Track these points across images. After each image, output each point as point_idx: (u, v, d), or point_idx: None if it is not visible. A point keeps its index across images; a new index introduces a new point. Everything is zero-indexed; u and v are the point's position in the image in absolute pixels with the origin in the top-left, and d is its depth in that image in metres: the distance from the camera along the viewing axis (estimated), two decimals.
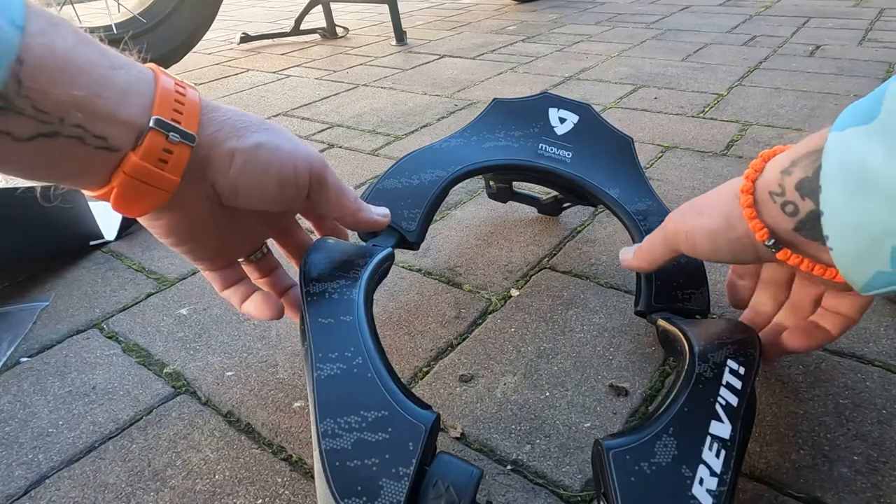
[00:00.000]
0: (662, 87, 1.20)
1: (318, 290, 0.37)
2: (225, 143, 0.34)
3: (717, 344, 0.38)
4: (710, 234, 0.35)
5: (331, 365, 0.33)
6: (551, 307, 0.56)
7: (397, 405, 0.31)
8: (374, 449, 0.29)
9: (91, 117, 0.28)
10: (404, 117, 1.11)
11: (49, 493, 0.40)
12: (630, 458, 0.30)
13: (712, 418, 0.32)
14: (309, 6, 1.81)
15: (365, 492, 0.27)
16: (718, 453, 0.30)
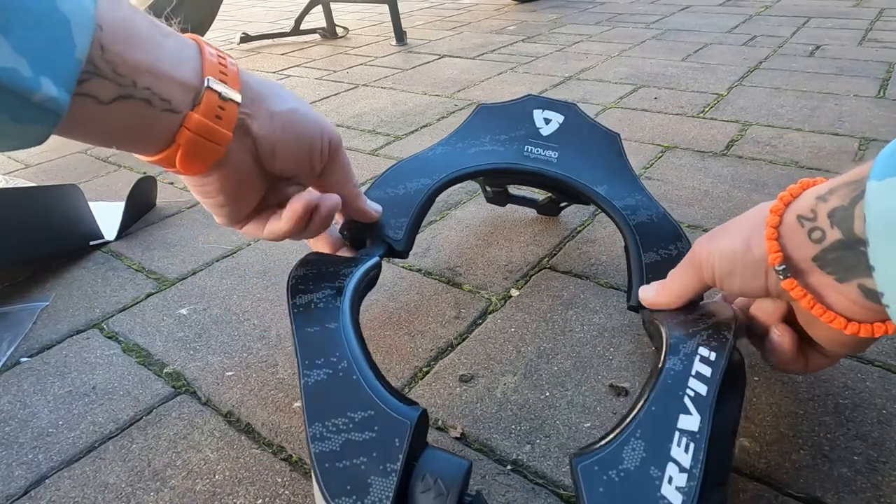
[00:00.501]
0: (662, 87, 1.20)
1: (304, 302, 0.38)
2: (263, 103, 0.37)
3: (689, 333, 0.37)
4: (729, 254, 0.35)
5: (317, 371, 0.34)
6: (551, 307, 0.56)
7: (382, 404, 0.31)
8: (362, 448, 0.29)
9: (157, 80, 0.31)
10: (404, 117, 1.11)
11: (49, 493, 0.40)
12: (598, 468, 0.30)
13: (680, 412, 0.32)
14: (309, 6, 1.81)
15: (354, 490, 0.28)
16: (688, 447, 0.30)
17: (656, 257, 0.47)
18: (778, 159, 0.84)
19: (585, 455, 0.30)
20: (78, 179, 0.91)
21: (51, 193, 0.68)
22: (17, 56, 0.24)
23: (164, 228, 0.74)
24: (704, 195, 0.75)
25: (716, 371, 0.34)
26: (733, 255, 0.34)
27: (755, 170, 0.81)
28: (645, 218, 0.51)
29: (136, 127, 0.32)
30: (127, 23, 0.30)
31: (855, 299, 0.30)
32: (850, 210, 0.28)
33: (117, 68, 0.29)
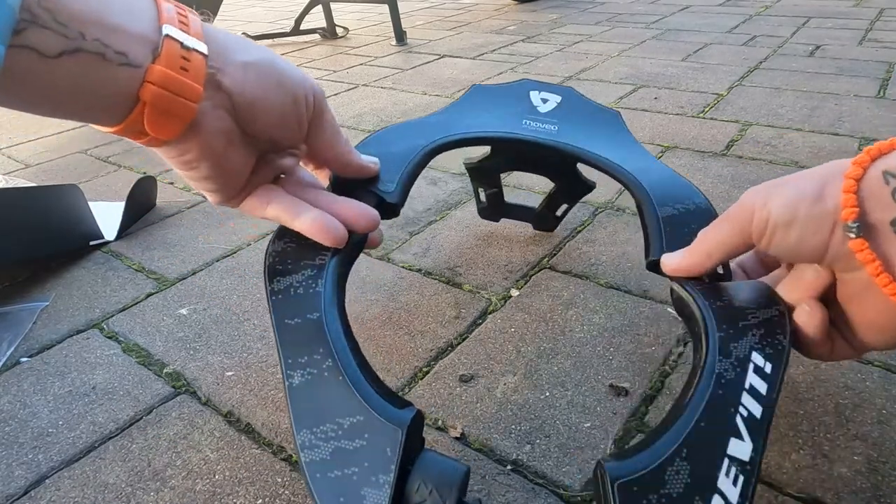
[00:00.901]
0: (662, 87, 1.20)
1: (282, 287, 0.35)
2: (234, 55, 0.33)
3: (740, 328, 0.32)
4: (794, 200, 0.30)
5: (301, 371, 0.31)
6: (551, 307, 0.56)
7: (371, 408, 0.29)
8: (353, 457, 0.28)
9: (107, 32, 0.28)
10: (404, 117, 1.11)
11: (49, 493, 0.40)
12: (637, 489, 0.26)
13: (731, 435, 0.28)
14: (309, 6, 1.81)
15: (348, 502, 0.27)
16: (736, 479, 0.27)
17: (673, 211, 0.43)
18: (778, 159, 0.84)
19: (623, 469, 0.27)
20: (78, 179, 0.91)
21: (51, 193, 0.68)
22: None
23: (164, 228, 0.74)
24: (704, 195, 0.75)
25: (771, 389, 0.30)
26: (799, 203, 0.30)
27: (755, 170, 0.81)
28: (657, 178, 0.47)
29: (91, 86, 0.28)
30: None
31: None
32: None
33: (58, 16, 0.26)
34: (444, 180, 0.84)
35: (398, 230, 0.71)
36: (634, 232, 0.67)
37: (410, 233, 0.70)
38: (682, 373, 0.47)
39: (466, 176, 0.84)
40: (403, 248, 0.67)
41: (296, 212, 0.37)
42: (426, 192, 0.80)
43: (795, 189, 0.30)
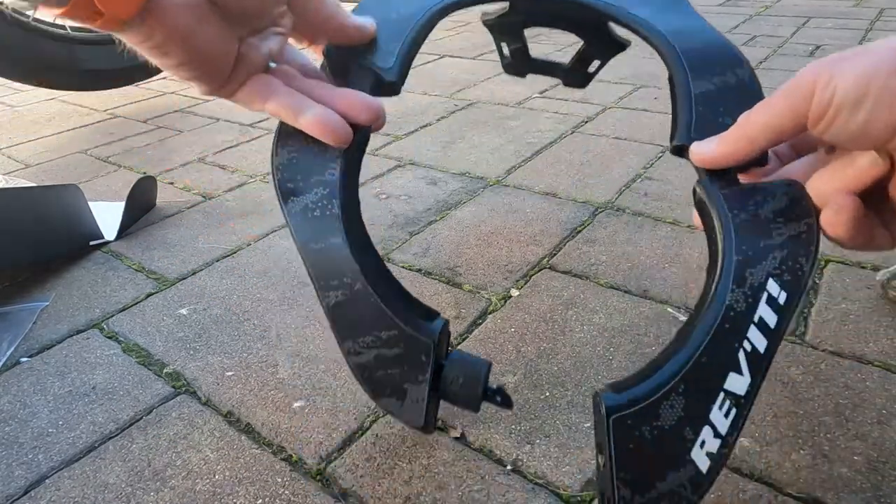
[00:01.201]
0: (662, 87, 1.20)
1: (298, 208, 0.35)
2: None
3: (761, 249, 0.30)
4: (871, 71, 0.25)
5: (334, 292, 0.34)
6: (551, 307, 0.56)
7: (404, 324, 0.33)
8: (393, 362, 0.34)
9: None
10: (404, 117, 1.11)
11: (49, 493, 0.40)
12: (631, 422, 0.28)
13: (731, 370, 0.28)
14: None
15: (394, 394, 0.34)
16: (728, 412, 0.27)
17: (710, 86, 0.38)
18: None
19: (619, 402, 0.28)
20: (78, 179, 0.91)
21: (51, 193, 0.68)
22: None
23: (164, 228, 0.74)
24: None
25: (782, 321, 0.28)
26: (875, 73, 0.25)
27: None
28: (697, 43, 0.41)
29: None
30: None
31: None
32: None
33: None
34: (444, 180, 0.84)
35: (398, 230, 0.71)
36: (634, 232, 0.67)
37: (410, 233, 0.70)
38: None
39: (466, 176, 0.84)
40: (403, 248, 0.67)
41: (298, 108, 0.35)
42: (426, 191, 0.80)
43: (869, 60, 0.26)
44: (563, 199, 0.76)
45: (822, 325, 0.51)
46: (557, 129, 1.01)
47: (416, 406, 0.34)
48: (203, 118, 1.17)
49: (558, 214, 0.72)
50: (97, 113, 1.25)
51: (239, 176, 0.89)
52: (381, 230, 0.71)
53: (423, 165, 0.89)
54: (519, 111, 1.11)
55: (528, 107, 1.13)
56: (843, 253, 0.61)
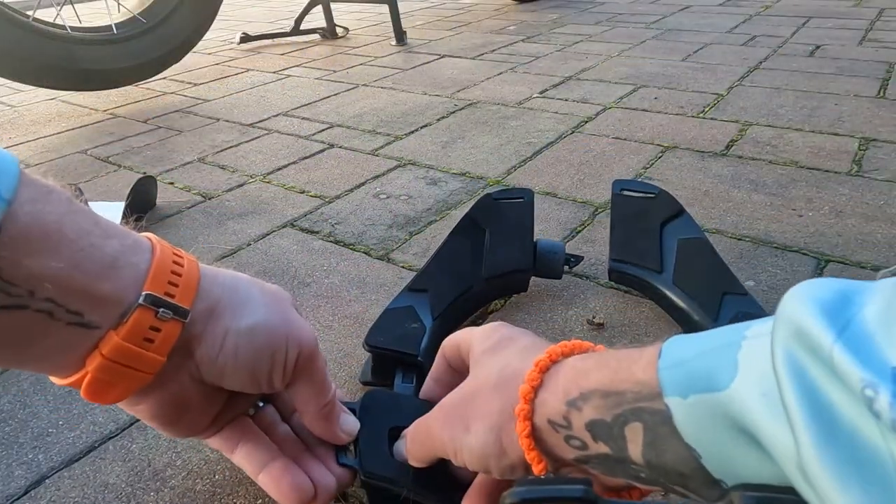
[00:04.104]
0: (662, 87, 1.20)
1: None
2: (219, 320, 0.30)
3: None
4: (482, 458, 0.29)
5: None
6: (551, 307, 0.56)
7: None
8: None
9: (66, 291, 0.25)
10: (404, 117, 1.11)
11: (49, 493, 0.40)
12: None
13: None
14: (309, 6, 1.81)
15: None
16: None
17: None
18: (778, 159, 0.84)
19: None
20: (78, 179, 0.91)
21: None
22: None
23: (164, 228, 0.74)
24: (704, 195, 0.75)
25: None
26: (486, 459, 0.29)
27: (755, 170, 0.81)
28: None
29: (32, 341, 0.26)
30: (52, 224, 0.25)
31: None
32: (616, 430, 0.25)
33: (6, 275, 0.24)
34: (444, 180, 0.84)
35: (398, 230, 0.71)
36: None
37: (410, 233, 0.70)
38: None
39: (466, 176, 0.84)
40: (403, 248, 0.67)
41: (261, 462, 0.34)
42: (426, 192, 0.80)
43: (479, 443, 0.29)
44: (563, 199, 0.76)
45: None
46: (557, 129, 1.01)
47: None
48: (203, 118, 1.17)
49: (558, 214, 0.72)
50: (97, 113, 1.25)
51: (239, 176, 0.89)
52: (381, 230, 0.71)
53: (423, 165, 0.89)
54: (519, 111, 1.11)
55: (528, 107, 1.13)
56: (843, 253, 0.61)
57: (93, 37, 1.23)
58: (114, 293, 0.27)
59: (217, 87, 1.38)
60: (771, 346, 0.21)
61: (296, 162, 0.93)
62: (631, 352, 0.26)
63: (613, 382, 0.26)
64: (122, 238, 0.29)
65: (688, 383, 0.23)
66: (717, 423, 0.22)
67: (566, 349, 0.29)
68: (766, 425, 0.20)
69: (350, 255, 0.66)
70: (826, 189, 0.75)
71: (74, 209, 0.27)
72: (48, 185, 0.26)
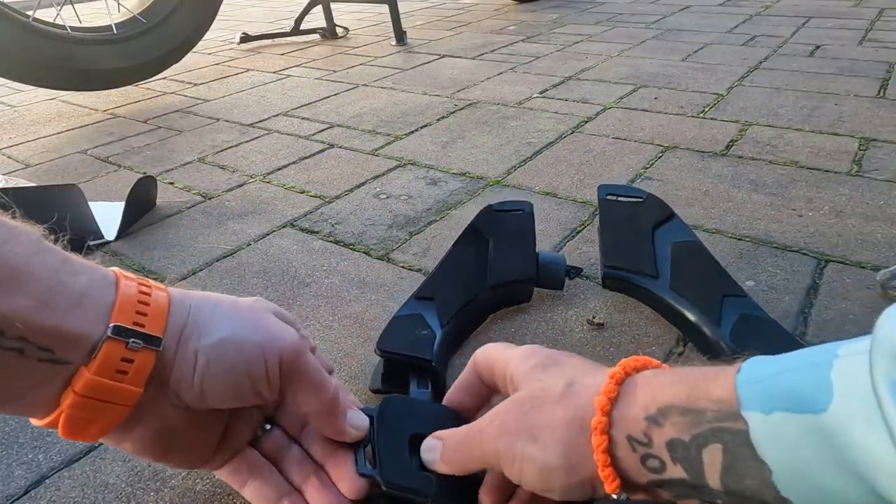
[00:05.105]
0: (662, 87, 1.20)
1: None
2: (188, 341, 0.30)
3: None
4: (546, 471, 0.28)
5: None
6: (551, 307, 0.56)
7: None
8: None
9: (36, 329, 0.25)
10: (404, 117, 1.11)
11: (49, 493, 0.40)
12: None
13: None
14: (309, 6, 1.81)
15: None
16: None
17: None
18: (778, 159, 0.84)
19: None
20: (78, 179, 0.91)
21: (51, 193, 0.68)
22: None
23: (164, 228, 0.74)
24: (704, 195, 0.75)
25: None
26: (551, 474, 0.28)
27: (755, 170, 0.81)
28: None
29: (4, 380, 0.26)
30: (18, 264, 0.25)
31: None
32: (694, 453, 0.24)
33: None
34: (444, 180, 0.84)
35: (398, 230, 0.71)
36: None
37: (410, 233, 0.70)
38: None
39: (466, 176, 0.84)
40: (403, 248, 0.67)
41: (270, 501, 0.34)
42: (426, 192, 0.80)
43: (545, 459, 0.28)
44: (563, 199, 0.76)
45: (823, 324, 0.51)
46: (557, 129, 1.01)
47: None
48: (203, 118, 1.17)
49: (558, 214, 0.72)
50: (97, 113, 1.25)
51: (239, 176, 0.89)
52: (381, 230, 0.71)
53: (423, 165, 0.89)
54: (519, 111, 1.11)
55: (528, 107, 1.13)
56: (843, 253, 0.61)
57: (93, 37, 1.23)
58: (82, 327, 0.27)
59: (217, 87, 1.38)
60: (870, 368, 0.20)
61: (296, 162, 0.93)
62: (707, 370, 0.26)
63: (691, 399, 0.25)
64: (91, 273, 0.29)
65: (772, 399, 0.22)
66: (809, 444, 0.21)
67: (638, 363, 0.29)
68: (873, 451, 0.19)
69: (350, 255, 0.66)
70: (826, 189, 0.75)
71: (43, 248, 0.27)
72: (16, 226, 0.27)
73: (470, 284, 0.52)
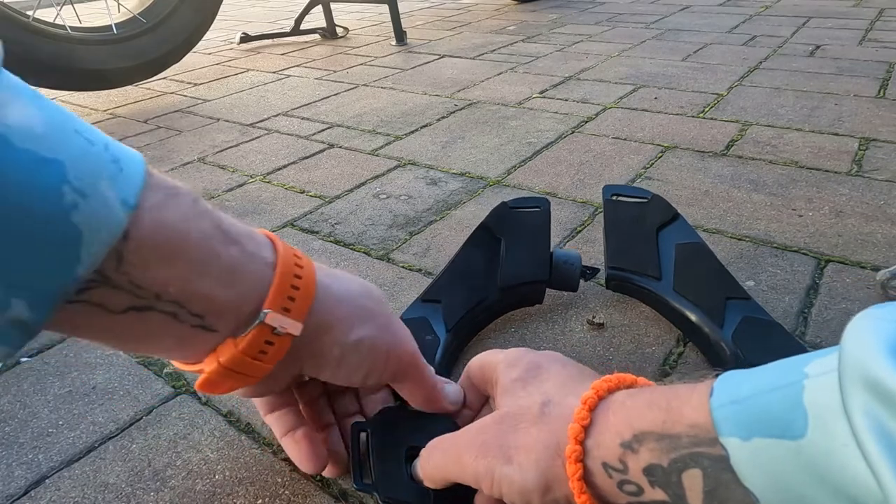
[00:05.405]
0: (662, 87, 1.20)
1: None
2: (328, 333, 0.32)
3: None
4: (522, 491, 0.28)
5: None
6: (551, 307, 0.56)
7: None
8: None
9: (189, 296, 0.27)
10: (404, 117, 1.11)
11: (49, 493, 0.40)
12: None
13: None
14: (309, 6, 1.81)
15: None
16: None
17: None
18: (778, 159, 0.84)
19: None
20: None
21: None
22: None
23: None
24: (704, 195, 0.75)
25: None
26: (528, 494, 0.28)
27: (755, 170, 0.81)
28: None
29: (156, 338, 0.28)
30: (175, 230, 0.26)
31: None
32: (675, 477, 0.24)
33: (135, 280, 0.25)
34: (444, 180, 0.84)
35: (398, 230, 0.71)
36: None
37: (410, 233, 0.70)
38: (682, 373, 0.47)
39: (466, 176, 0.84)
40: (403, 248, 0.67)
41: (287, 426, 0.37)
42: (426, 191, 0.80)
43: (520, 482, 0.28)
44: (563, 199, 0.76)
45: (822, 324, 0.51)
46: (557, 129, 1.01)
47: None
48: (203, 118, 1.17)
49: (558, 214, 0.72)
50: (97, 113, 1.25)
51: (239, 176, 0.89)
52: (381, 230, 0.71)
53: (423, 165, 0.89)
54: (519, 111, 1.11)
55: (528, 107, 1.13)
56: (843, 253, 0.61)
57: (93, 37, 1.23)
58: (232, 302, 0.28)
59: (217, 87, 1.38)
60: (840, 391, 0.20)
61: (296, 162, 0.93)
62: (680, 389, 0.25)
63: (667, 424, 0.25)
64: (244, 243, 0.29)
65: (749, 425, 0.22)
66: (792, 470, 0.21)
67: (611, 384, 0.29)
68: (857, 478, 0.19)
69: (350, 255, 0.66)
70: (826, 189, 0.75)
71: (199, 212, 0.27)
72: (174, 186, 0.27)
73: (478, 286, 0.51)
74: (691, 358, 0.49)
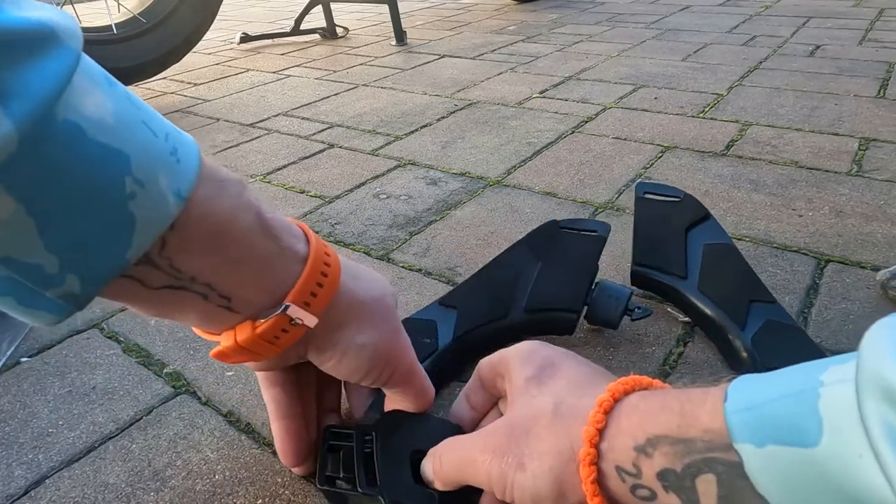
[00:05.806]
0: (662, 87, 1.20)
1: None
2: (340, 330, 0.34)
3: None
4: (534, 498, 0.28)
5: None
6: None
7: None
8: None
9: (222, 281, 0.29)
10: (404, 117, 1.11)
11: (49, 493, 0.40)
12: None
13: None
14: (309, 6, 1.81)
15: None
16: None
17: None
18: (778, 159, 0.84)
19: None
20: None
21: None
22: (46, 254, 0.22)
23: None
24: (704, 195, 0.75)
25: None
26: (541, 500, 0.28)
27: (755, 170, 0.81)
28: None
29: (184, 311, 0.30)
30: (220, 221, 0.28)
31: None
32: (688, 482, 0.24)
33: (175, 264, 0.27)
34: (444, 180, 0.84)
35: (398, 230, 0.71)
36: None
37: (410, 233, 0.70)
38: (683, 373, 0.47)
39: (466, 176, 0.84)
40: (403, 248, 0.67)
41: (281, 413, 0.38)
42: (426, 191, 0.80)
43: (534, 489, 0.28)
44: (563, 199, 0.76)
45: (822, 324, 0.51)
46: (557, 129, 1.01)
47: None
48: (203, 118, 1.17)
49: (558, 214, 0.72)
50: None
51: (239, 176, 0.89)
52: (381, 230, 0.71)
53: (423, 165, 0.89)
54: (519, 111, 1.11)
55: (528, 107, 1.13)
56: (843, 253, 0.61)
57: (93, 37, 1.23)
58: (261, 293, 0.30)
59: (217, 87, 1.38)
60: (857, 402, 0.20)
61: (296, 162, 0.93)
62: (693, 393, 0.25)
63: (681, 428, 0.25)
64: (280, 237, 0.31)
65: (764, 431, 0.22)
66: (806, 478, 0.21)
67: (627, 386, 0.28)
68: (873, 490, 0.19)
69: (350, 255, 0.66)
70: (826, 189, 0.75)
71: (242, 204, 0.29)
72: (222, 177, 0.29)
73: (502, 301, 0.49)
74: (691, 358, 0.49)
